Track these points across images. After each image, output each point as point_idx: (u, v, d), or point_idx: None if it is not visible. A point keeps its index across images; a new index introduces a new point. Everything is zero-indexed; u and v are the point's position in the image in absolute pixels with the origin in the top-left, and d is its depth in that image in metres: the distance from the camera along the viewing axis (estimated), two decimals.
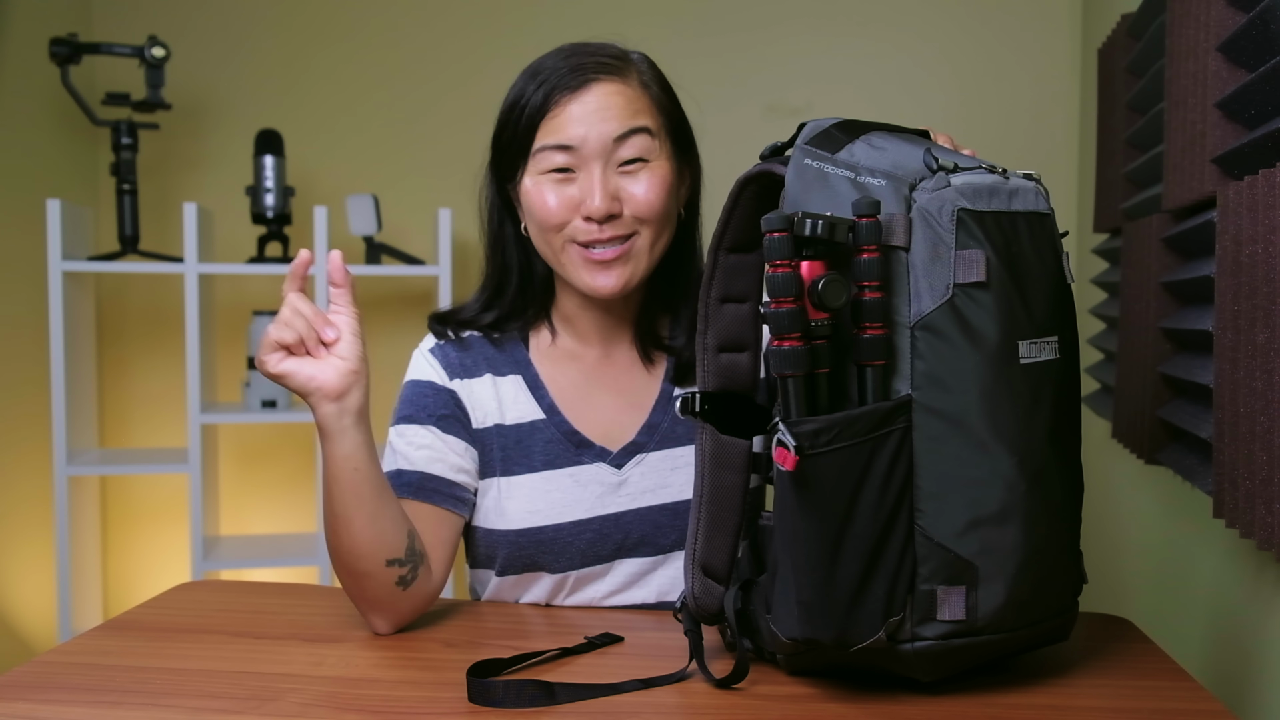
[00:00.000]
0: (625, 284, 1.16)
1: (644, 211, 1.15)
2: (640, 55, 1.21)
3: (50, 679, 0.98)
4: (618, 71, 1.16)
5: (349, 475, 1.05)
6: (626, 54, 1.20)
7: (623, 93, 1.15)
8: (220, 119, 2.83)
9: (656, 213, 1.16)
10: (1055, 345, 0.92)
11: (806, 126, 0.94)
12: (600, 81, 1.15)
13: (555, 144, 1.14)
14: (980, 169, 0.92)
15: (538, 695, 0.92)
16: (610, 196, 1.13)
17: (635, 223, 1.15)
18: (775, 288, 0.86)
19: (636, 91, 1.17)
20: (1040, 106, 2.69)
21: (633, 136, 1.14)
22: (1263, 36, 1.16)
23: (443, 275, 2.50)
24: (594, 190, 1.13)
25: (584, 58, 1.16)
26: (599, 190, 1.13)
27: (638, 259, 1.17)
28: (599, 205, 1.13)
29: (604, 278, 1.16)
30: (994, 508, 0.88)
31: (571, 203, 1.14)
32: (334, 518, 1.07)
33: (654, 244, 1.17)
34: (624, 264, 1.16)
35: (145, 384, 2.85)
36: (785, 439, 0.85)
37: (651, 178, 1.15)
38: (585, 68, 1.15)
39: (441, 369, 1.24)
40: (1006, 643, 0.92)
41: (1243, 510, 1.10)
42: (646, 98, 1.17)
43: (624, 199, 1.14)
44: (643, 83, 1.18)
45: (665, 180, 1.16)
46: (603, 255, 1.15)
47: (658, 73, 1.21)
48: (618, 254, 1.15)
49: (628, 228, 1.15)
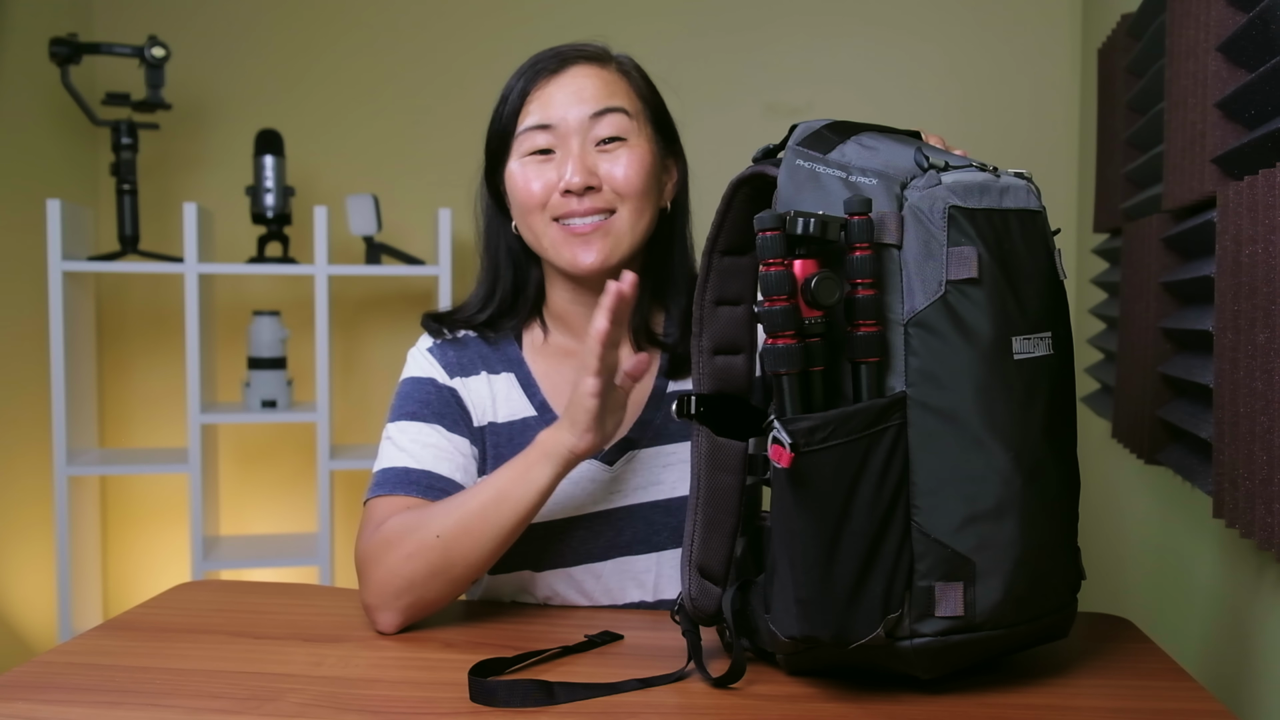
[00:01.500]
0: (605, 259, 1.17)
1: (623, 188, 1.17)
2: (625, 55, 1.25)
3: (50, 679, 0.98)
4: (597, 59, 1.20)
5: (540, 504, 1.09)
6: (610, 50, 1.23)
7: (600, 75, 1.19)
8: (220, 119, 2.83)
9: (635, 189, 1.17)
10: (1049, 341, 0.92)
11: (798, 128, 0.95)
12: (579, 65, 1.19)
13: (535, 124, 1.17)
14: (971, 167, 0.92)
15: (538, 695, 0.93)
16: (588, 170, 1.16)
17: (614, 198, 1.17)
18: (768, 286, 0.86)
19: (614, 76, 1.20)
20: (1040, 106, 2.69)
21: (609, 114, 1.17)
22: (1263, 36, 1.16)
23: (443, 275, 2.50)
24: (570, 164, 1.16)
25: (566, 48, 1.20)
26: (574, 163, 1.16)
27: (618, 236, 1.18)
28: (575, 178, 1.15)
29: (584, 252, 1.17)
30: (990, 503, 0.88)
31: (552, 182, 1.17)
32: (496, 540, 1.09)
33: (634, 223, 1.18)
34: (603, 238, 1.17)
35: (145, 384, 2.85)
36: (781, 436, 0.85)
37: (630, 155, 1.17)
38: (565, 54, 1.19)
39: (441, 367, 1.25)
40: (1005, 639, 0.92)
41: (1243, 510, 1.10)
42: (625, 82, 1.21)
43: (603, 176, 1.17)
44: (622, 70, 1.22)
45: (644, 160, 1.18)
46: (581, 228, 1.17)
47: (639, 68, 1.25)
48: (595, 228, 1.17)
49: (606, 203, 1.17)
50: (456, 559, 1.08)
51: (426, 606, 1.11)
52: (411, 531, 1.09)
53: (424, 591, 1.10)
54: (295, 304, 2.79)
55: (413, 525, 1.10)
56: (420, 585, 1.09)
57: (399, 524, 1.11)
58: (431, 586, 1.09)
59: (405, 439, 1.21)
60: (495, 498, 1.08)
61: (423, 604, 1.11)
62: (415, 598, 1.10)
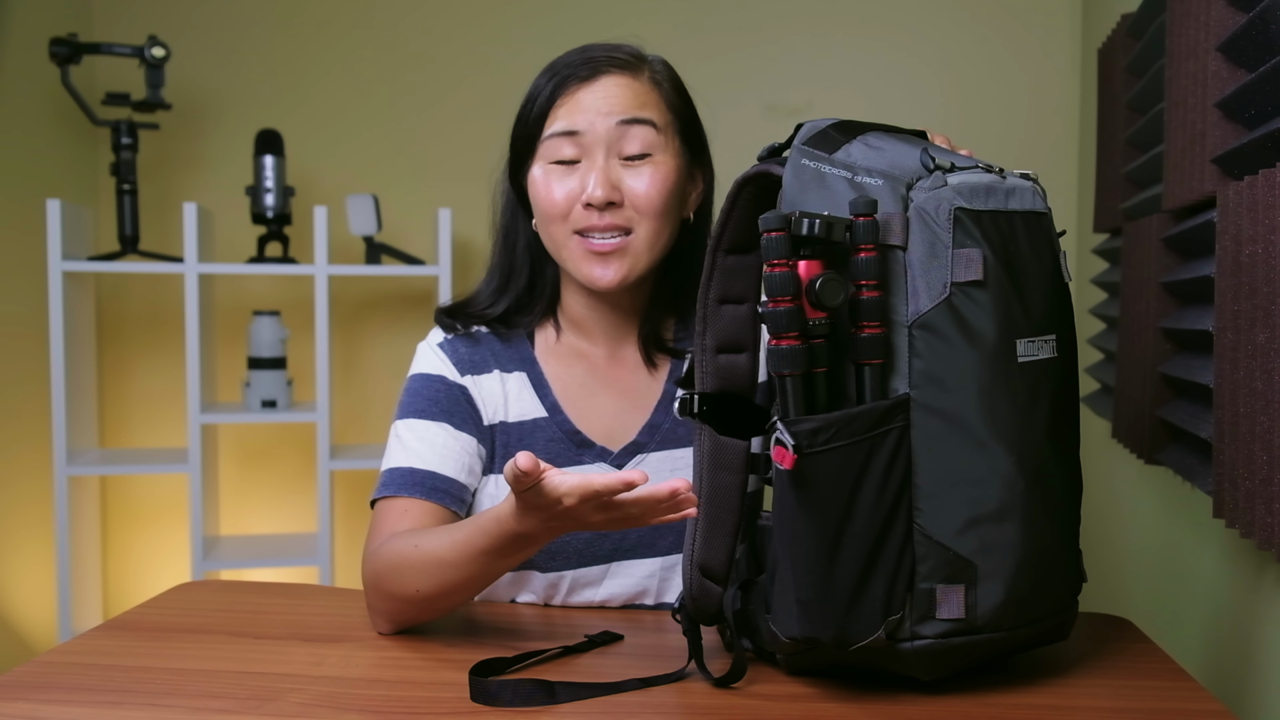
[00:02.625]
0: (623, 278, 1.17)
1: (643, 206, 1.15)
2: (658, 58, 1.22)
3: (50, 679, 0.98)
4: (629, 67, 1.18)
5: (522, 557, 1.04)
6: (643, 54, 1.21)
7: (631, 85, 1.16)
8: (220, 119, 2.83)
9: (655, 208, 1.16)
10: (1053, 344, 0.92)
11: (804, 127, 0.95)
12: (610, 74, 1.16)
13: (561, 130, 1.15)
14: (977, 168, 0.92)
15: (539, 694, 0.93)
16: (610, 185, 1.14)
17: (634, 216, 1.16)
18: (773, 287, 0.86)
19: (646, 86, 1.18)
20: (1040, 106, 2.68)
21: (636, 127, 1.15)
22: (1263, 36, 1.16)
23: (443, 275, 2.50)
24: (593, 176, 1.14)
25: (599, 52, 1.18)
26: (598, 176, 1.14)
27: (636, 256, 1.17)
28: (598, 192, 1.13)
29: (602, 270, 1.16)
30: (993, 506, 0.88)
31: (574, 193, 1.15)
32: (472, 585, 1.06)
33: (653, 242, 1.17)
34: (622, 258, 1.16)
35: (145, 384, 2.85)
36: (784, 438, 0.85)
37: (654, 173, 1.16)
38: (597, 60, 1.17)
39: (451, 364, 1.24)
40: (1006, 641, 0.92)
41: (1243, 510, 1.10)
42: (656, 94, 1.18)
43: (624, 191, 1.15)
44: (654, 80, 1.19)
45: (668, 178, 1.16)
46: (601, 246, 1.15)
47: (673, 75, 1.22)
48: (615, 247, 1.15)
49: (626, 220, 1.15)
50: (439, 607, 1.09)
51: (421, 623, 1.12)
52: (395, 577, 1.08)
53: (416, 615, 1.10)
54: (295, 304, 2.79)
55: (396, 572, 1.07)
56: (411, 612, 1.10)
57: (386, 562, 1.09)
58: (418, 617, 1.10)
59: (412, 437, 1.20)
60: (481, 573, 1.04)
61: (417, 622, 1.12)
62: (407, 619, 1.11)
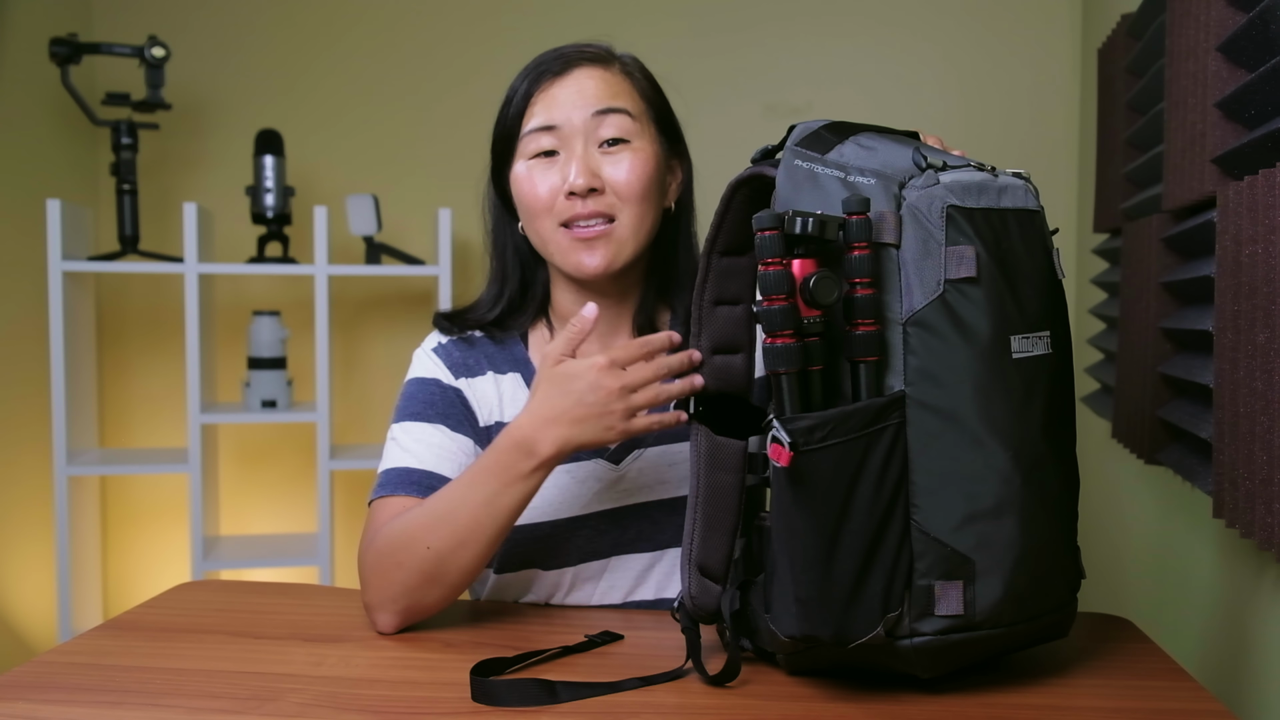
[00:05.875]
0: (609, 263, 1.17)
1: (624, 192, 1.17)
2: (629, 55, 1.25)
3: (50, 679, 0.98)
4: (601, 60, 1.20)
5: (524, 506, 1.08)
6: (614, 50, 1.23)
7: (603, 77, 1.19)
8: (220, 119, 2.83)
9: (636, 193, 1.17)
10: (1047, 340, 0.92)
11: (796, 129, 0.95)
12: (582, 66, 1.19)
13: (539, 125, 1.18)
14: (969, 167, 0.92)
15: (539, 694, 0.93)
16: (591, 172, 1.16)
17: (616, 202, 1.17)
18: (767, 286, 0.86)
19: (618, 77, 1.20)
20: (1040, 106, 2.69)
21: (611, 115, 1.17)
22: (1263, 36, 1.16)
23: (443, 275, 2.50)
24: (574, 165, 1.16)
25: (570, 49, 1.20)
26: (578, 165, 1.16)
27: (620, 242, 1.18)
28: (579, 180, 1.15)
29: (588, 257, 1.17)
30: (989, 502, 0.88)
31: (557, 185, 1.17)
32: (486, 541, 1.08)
33: (637, 228, 1.18)
34: (607, 243, 1.17)
35: (145, 384, 2.85)
36: (780, 436, 0.85)
37: (634, 159, 1.17)
38: (569, 56, 1.19)
39: (446, 367, 1.25)
40: (1005, 638, 0.92)
41: (1243, 510, 1.10)
42: (628, 84, 1.21)
43: (605, 179, 1.16)
44: (625, 71, 1.22)
45: (647, 163, 1.18)
46: (586, 233, 1.17)
47: (643, 67, 1.25)
48: (599, 233, 1.17)
49: (608, 207, 1.17)
50: (450, 568, 1.08)
51: (424, 610, 1.11)
52: (405, 544, 1.09)
53: (420, 597, 1.10)
54: (295, 304, 2.79)
55: (405, 537, 1.09)
56: (416, 591, 1.09)
57: (393, 532, 1.10)
58: (428, 593, 1.10)
59: (409, 439, 1.21)
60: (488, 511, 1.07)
61: (420, 608, 1.11)
62: (411, 602, 1.10)
